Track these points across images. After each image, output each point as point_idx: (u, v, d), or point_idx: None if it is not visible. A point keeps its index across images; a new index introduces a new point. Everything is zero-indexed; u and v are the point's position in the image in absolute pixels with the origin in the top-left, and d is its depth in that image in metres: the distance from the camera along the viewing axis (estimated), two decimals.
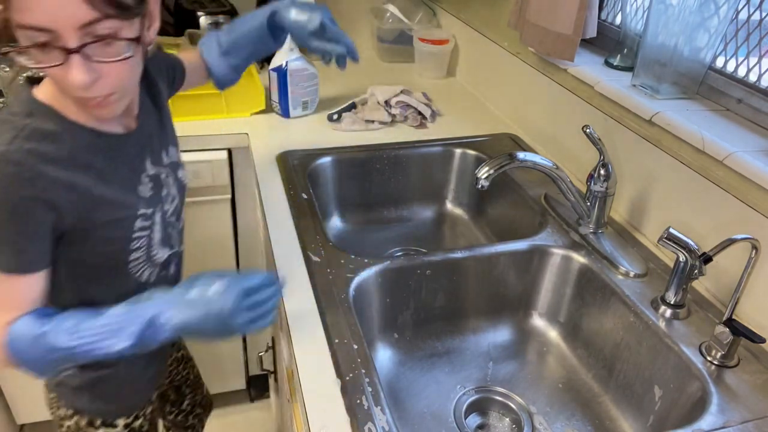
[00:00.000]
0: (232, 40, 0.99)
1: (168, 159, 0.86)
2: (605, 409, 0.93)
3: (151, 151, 0.82)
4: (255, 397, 1.83)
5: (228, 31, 0.99)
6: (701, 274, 0.84)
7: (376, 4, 1.90)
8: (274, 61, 1.40)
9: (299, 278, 0.92)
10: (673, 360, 0.83)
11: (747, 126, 0.95)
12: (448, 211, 1.41)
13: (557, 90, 1.28)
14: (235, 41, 0.99)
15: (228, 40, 0.99)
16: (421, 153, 1.36)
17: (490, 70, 1.59)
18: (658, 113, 0.99)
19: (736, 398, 0.76)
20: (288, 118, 1.45)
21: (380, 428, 0.68)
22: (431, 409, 0.93)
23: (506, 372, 1.01)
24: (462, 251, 1.02)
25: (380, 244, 1.31)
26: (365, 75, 1.76)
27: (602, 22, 1.26)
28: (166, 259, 0.86)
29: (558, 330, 1.07)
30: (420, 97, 1.50)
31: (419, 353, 1.03)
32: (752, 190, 0.85)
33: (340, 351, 0.78)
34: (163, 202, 0.83)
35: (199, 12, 1.60)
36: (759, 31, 0.94)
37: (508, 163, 0.93)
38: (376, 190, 1.36)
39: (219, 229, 1.45)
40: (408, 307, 1.02)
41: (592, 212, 1.04)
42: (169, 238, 0.86)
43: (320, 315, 0.84)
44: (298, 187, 1.16)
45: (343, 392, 0.73)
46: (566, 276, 1.03)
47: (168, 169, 0.85)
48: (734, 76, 0.99)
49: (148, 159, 0.81)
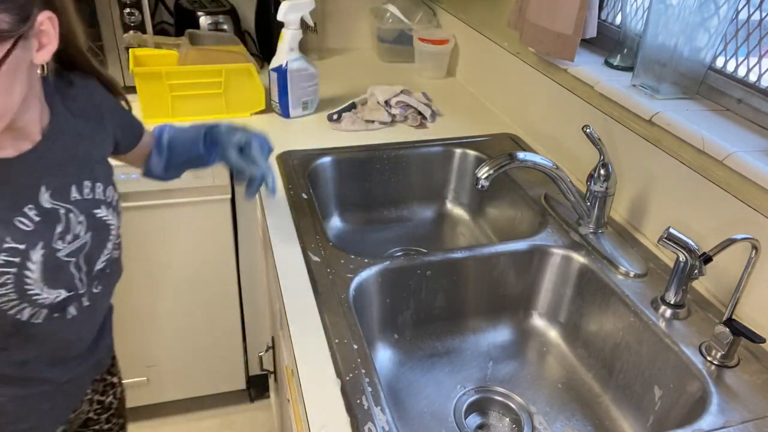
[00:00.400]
0: (171, 144, 0.98)
1: (79, 195, 0.76)
2: (605, 409, 0.93)
3: (53, 182, 0.73)
4: (255, 397, 1.83)
5: (172, 133, 0.99)
6: (701, 274, 0.84)
7: (376, 4, 1.91)
8: (274, 61, 1.40)
9: (299, 278, 0.92)
10: (673, 360, 0.83)
11: (747, 126, 0.95)
12: (448, 211, 1.41)
13: (557, 90, 1.28)
14: (172, 147, 0.98)
15: (168, 142, 0.99)
16: (421, 153, 1.36)
17: (490, 70, 1.59)
18: (658, 113, 0.99)
19: (736, 398, 0.76)
20: (288, 118, 1.45)
21: (380, 428, 0.68)
22: (431, 409, 0.93)
23: (506, 372, 1.01)
24: (462, 251, 1.02)
25: (380, 244, 1.31)
26: (365, 75, 1.76)
27: (602, 22, 1.26)
28: (61, 302, 0.76)
29: (558, 330, 1.07)
30: (420, 97, 1.50)
31: (419, 353, 1.03)
32: (752, 190, 0.85)
33: (340, 351, 0.78)
34: (53, 240, 0.73)
35: (199, 12, 1.60)
36: (759, 31, 0.94)
37: (508, 163, 0.93)
38: (376, 190, 1.36)
39: (219, 229, 1.45)
40: (408, 307, 1.02)
41: (592, 212, 1.04)
42: (66, 280, 0.76)
43: (320, 315, 0.84)
44: (298, 187, 1.16)
45: (343, 392, 0.73)
46: (566, 276, 1.03)
47: (75, 206, 0.75)
48: (734, 76, 0.99)
49: (46, 191, 0.72)
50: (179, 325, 1.56)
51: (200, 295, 1.53)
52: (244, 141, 0.95)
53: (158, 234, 1.42)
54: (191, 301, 1.54)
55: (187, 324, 1.56)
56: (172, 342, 1.58)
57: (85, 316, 0.81)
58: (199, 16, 1.60)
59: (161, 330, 1.56)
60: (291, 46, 1.38)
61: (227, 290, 1.54)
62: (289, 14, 1.34)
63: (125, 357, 1.58)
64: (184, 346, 1.60)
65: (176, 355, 1.61)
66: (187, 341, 1.59)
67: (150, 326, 1.54)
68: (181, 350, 1.60)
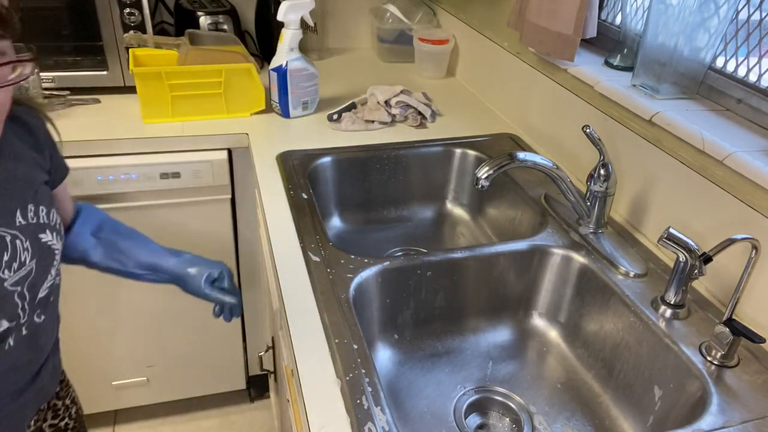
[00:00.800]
0: (119, 242, 0.93)
1: (23, 220, 0.72)
2: (605, 409, 0.93)
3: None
4: (255, 397, 1.84)
5: (122, 233, 0.94)
6: (701, 274, 0.84)
7: (376, 4, 1.91)
8: (274, 61, 1.40)
9: (299, 278, 0.92)
10: (673, 360, 0.83)
11: (747, 126, 0.95)
12: (448, 211, 1.41)
13: (557, 90, 1.28)
14: (123, 248, 0.92)
15: (116, 238, 0.93)
16: (421, 153, 1.36)
17: (490, 70, 1.59)
18: (658, 113, 0.99)
19: (736, 398, 0.76)
20: (288, 118, 1.45)
21: (380, 428, 0.68)
22: (431, 409, 0.93)
23: (506, 372, 1.01)
24: (462, 251, 1.02)
25: (380, 244, 1.31)
26: (365, 75, 1.76)
27: (602, 22, 1.26)
28: (2, 333, 0.71)
29: (558, 330, 1.07)
30: (420, 97, 1.50)
31: (419, 353, 1.03)
32: (752, 190, 0.85)
33: (340, 351, 0.78)
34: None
35: (199, 12, 1.60)
36: (759, 31, 0.94)
37: (508, 163, 0.93)
38: (376, 190, 1.36)
39: (219, 229, 1.46)
40: (408, 307, 1.02)
41: (592, 212, 1.04)
42: (9, 310, 0.71)
43: (320, 315, 0.84)
44: (298, 187, 1.16)
45: (343, 392, 0.73)
46: (566, 276, 1.03)
47: (21, 231, 0.71)
48: (734, 76, 0.99)
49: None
50: (179, 325, 1.56)
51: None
52: (216, 276, 0.95)
53: (158, 234, 1.41)
54: (191, 301, 1.53)
55: (187, 324, 1.56)
56: (172, 342, 1.58)
57: (24, 347, 0.75)
58: (199, 16, 1.60)
59: (161, 330, 1.56)
60: (291, 46, 1.38)
61: None
62: (289, 14, 1.34)
63: (125, 357, 1.59)
64: (184, 346, 1.60)
65: (176, 355, 1.61)
66: (187, 341, 1.59)
67: (150, 326, 1.54)
68: (181, 350, 1.60)
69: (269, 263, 1.12)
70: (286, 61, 1.38)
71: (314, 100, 1.47)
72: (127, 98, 1.45)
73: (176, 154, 1.33)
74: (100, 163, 1.30)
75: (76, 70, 1.43)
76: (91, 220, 0.92)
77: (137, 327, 1.53)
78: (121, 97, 1.46)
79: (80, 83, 1.44)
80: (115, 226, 0.95)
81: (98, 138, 1.29)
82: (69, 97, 1.42)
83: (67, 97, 1.42)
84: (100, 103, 1.45)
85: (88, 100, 1.44)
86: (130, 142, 1.31)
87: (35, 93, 1.30)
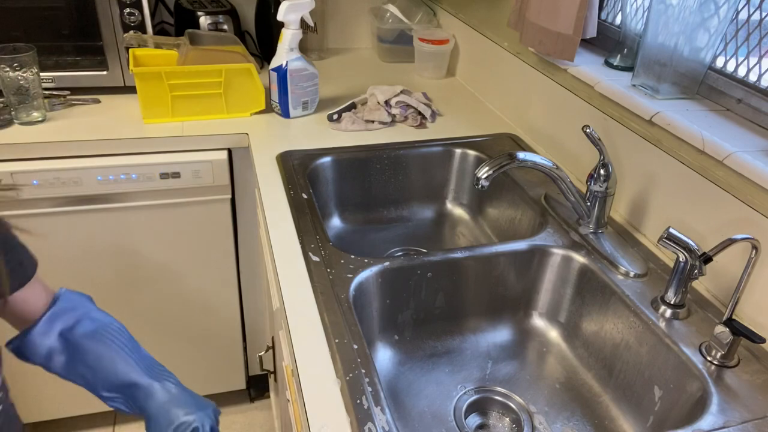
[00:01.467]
0: (88, 358, 0.75)
1: None
2: (605, 409, 0.93)
3: None
4: (255, 397, 1.84)
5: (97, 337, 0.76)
6: (701, 274, 0.84)
7: (376, 4, 1.91)
8: (274, 61, 1.40)
9: (299, 278, 0.92)
10: (673, 360, 0.83)
11: (747, 126, 0.95)
12: (448, 211, 1.41)
13: (557, 90, 1.28)
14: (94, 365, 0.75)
15: (88, 344, 0.75)
16: (421, 153, 1.36)
17: (490, 70, 1.59)
18: (658, 113, 0.99)
19: (736, 398, 0.76)
20: (288, 118, 1.45)
21: (380, 428, 0.68)
22: (431, 409, 0.93)
23: (506, 372, 1.01)
24: (462, 251, 1.02)
25: (380, 244, 1.31)
26: (365, 75, 1.76)
27: (602, 22, 1.26)
28: None
29: (558, 330, 1.07)
30: (420, 97, 1.50)
31: (419, 353, 1.03)
32: (752, 190, 0.85)
33: (340, 351, 0.78)
34: None
35: (199, 12, 1.60)
36: (759, 31, 0.94)
37: (508, 163, 0.93)
38: (376, 190, 1.36)
39: (219, 229, 1.46)
40: (408, 307, 1.02)
41: (592, 212, 1.04)
42: None
43: (320, 315, 0.84)
44: (298, 187, 1.16)
45: (343, 392, 0.73)
46: (566, 276, 1.03)
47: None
48: (734, 76, 0.99)
49: None
50: (179, 325, 1.56)
51: (200, 295, 1.53)
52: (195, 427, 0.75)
53: (158, 234, 1.42)
54: (191, 301, 1.54)
55: (187, 324, 1.57)
56: (172, 342, 1.58)
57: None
58: (199, 16, 1.60)
59: (161, 330, 1.56)
60: (291, 46, 1.38)
61: (227, 290, 1.55)
62: (289, 14, 1.34)
63: None
64: (184, 346, 1.60)
65: (176, 355, 1.61)
66: (187, 341, 1.59)
67: (150, 326, 1.54)
68: (181, 350, 1.60)
69: (269, 263, 1.12)
70: (286, 61, 1.38)
71: (314, 100, 1.47)
72: (127, 98, 1.45)
73: (176, 154, 1.33)
74: (100, 163, 1.30)
75: (76, 70, 1.43)
76: (64, 316, 0.74)
77: (137, 327, 1.53)
78: (121, 97, 1.46)
79: (80, 83, 1.44)
80: (94, 325, 0.77)
81: (98, 138, 1.29)
82: (69, 97, 1.43)
83: (67, 97, 1.42)
84: (100, 103, 1.45)
85: (88, 100, 1.44)
86: (130, 142, 1.31)
87: (35, 93, 1.30)
